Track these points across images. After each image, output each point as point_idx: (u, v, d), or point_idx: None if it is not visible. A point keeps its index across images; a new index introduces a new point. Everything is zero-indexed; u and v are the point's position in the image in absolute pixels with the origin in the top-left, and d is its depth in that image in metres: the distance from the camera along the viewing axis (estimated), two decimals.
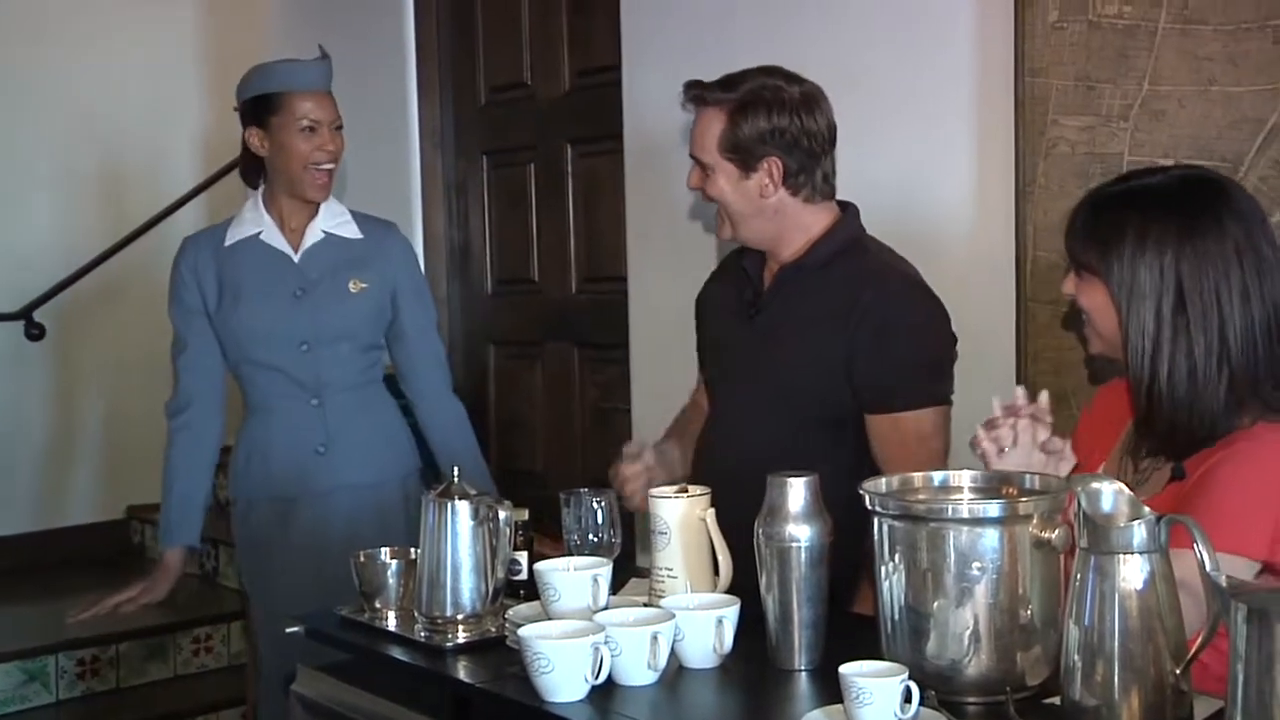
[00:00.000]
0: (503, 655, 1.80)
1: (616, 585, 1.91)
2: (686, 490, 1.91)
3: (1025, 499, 1.60)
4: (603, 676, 1.63)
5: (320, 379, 2.68)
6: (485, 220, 3.92)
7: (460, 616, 1.89)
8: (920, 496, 1.68)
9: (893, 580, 1.59)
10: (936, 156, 2.60)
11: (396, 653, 1.90)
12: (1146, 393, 1.71)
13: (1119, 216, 1.73)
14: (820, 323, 2.18)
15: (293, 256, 2.70)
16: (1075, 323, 1.90)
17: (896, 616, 1.60)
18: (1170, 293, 1.68)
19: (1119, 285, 1.71)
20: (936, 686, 1.53)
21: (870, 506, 1.62)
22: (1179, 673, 1.42)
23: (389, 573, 2.01)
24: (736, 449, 2.24)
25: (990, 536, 1.53)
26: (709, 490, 1.92)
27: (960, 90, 2.55)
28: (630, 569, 2.14)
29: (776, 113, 2.16)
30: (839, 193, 2.26)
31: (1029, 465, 1.73)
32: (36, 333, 4.48)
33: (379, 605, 2.00)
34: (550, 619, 1.78)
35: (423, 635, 1.90)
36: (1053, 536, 1.53)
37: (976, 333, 2.29)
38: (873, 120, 2.56)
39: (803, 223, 2.23)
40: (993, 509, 1.55)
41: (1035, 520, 1.54)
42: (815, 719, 1.52)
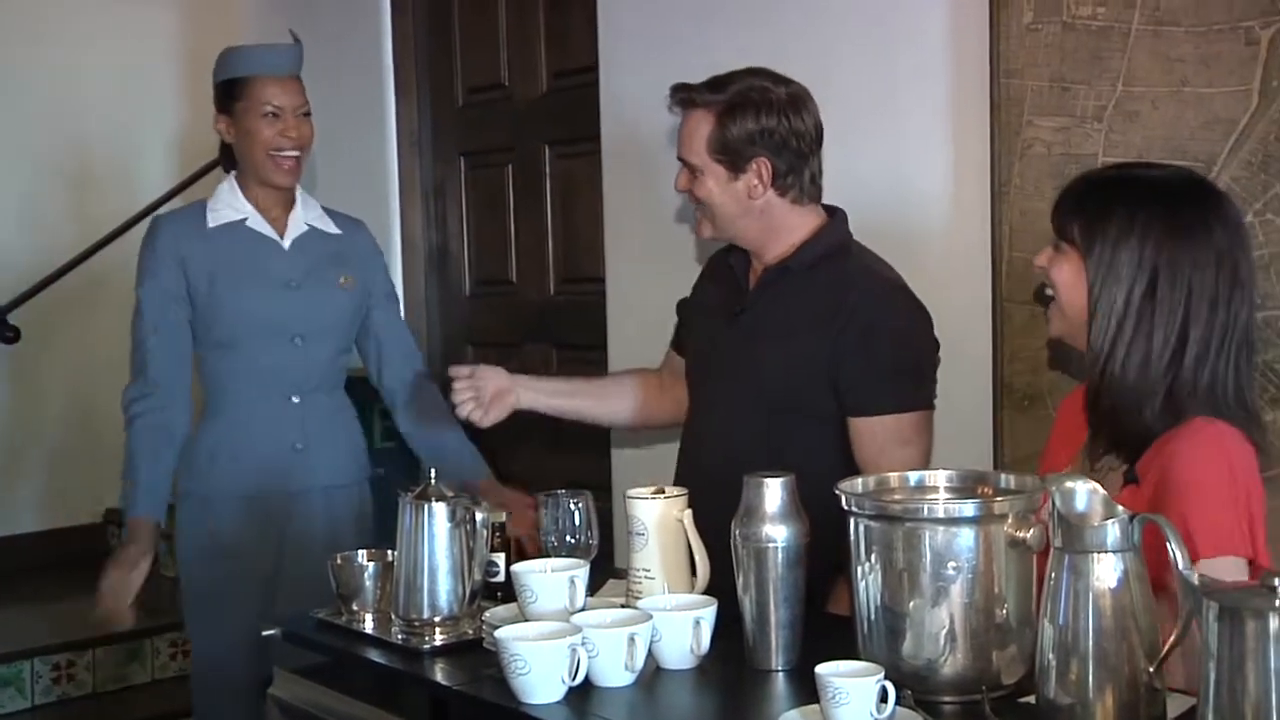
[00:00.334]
0: (480, 657, 1.80)
1: (594, 586, 1.91)
2: (664, 491, 1.91)
3: (1000, 499, 1.61)
4: (580, 678, 1.63)
5: (306, 375, 2.64)
6: (463, 222, 3.91)
7: (437, 619, 1.89)
8: (896, 496, 1.69)
9: (869, 580, 1.60)
10: (912, 157, 2.61)
11: (373, 655, 1.89)
12: (1101, 371, 1.72)
13: (1112, 195, 1.74)
14: (804, 325, 2.18)
15: (282, 245, 2.65)
16: (1043, 299, 1.92)
17: (873, 616, 1.60)
18: (1144, 281, 1.69)
19: (1098, 262, 1.71)
20: (913, 686, 1.54)
21: (846, 506, 1.63)
22: (1152, 671, 1.43)
23: (366, 575, 2.00)
24: (718, 448, 2.24)
25: (965, 536, 1.54)
26: (686, 491, 1.92)
27: (936, 91, 2.56)
28: (608, 570, 2.14)
29: (765, 114, 2.17)
30: None
31: None
32: (11, 335, 4.45)
33: (356, 608, 2.00)
34: (527, 620, 1.78)
35: (400, 638, 1.90)
36: (1028, 536, 1.54)
37: (953, 332, 2.30)
38: (848, 121, 2.57)
39: (789, 224, 2.23)
40: (968, 509, 1.56)
41: (1010, 520, 1.55)
42: (792, 719, 1.52)
